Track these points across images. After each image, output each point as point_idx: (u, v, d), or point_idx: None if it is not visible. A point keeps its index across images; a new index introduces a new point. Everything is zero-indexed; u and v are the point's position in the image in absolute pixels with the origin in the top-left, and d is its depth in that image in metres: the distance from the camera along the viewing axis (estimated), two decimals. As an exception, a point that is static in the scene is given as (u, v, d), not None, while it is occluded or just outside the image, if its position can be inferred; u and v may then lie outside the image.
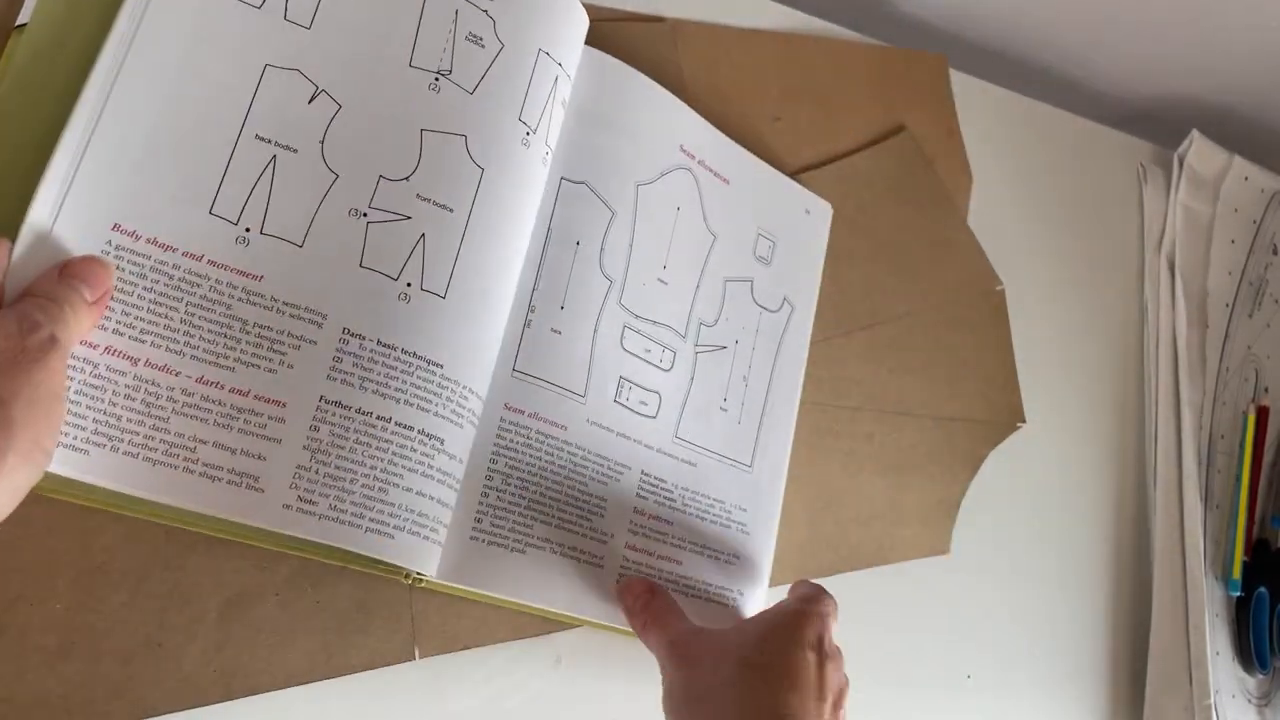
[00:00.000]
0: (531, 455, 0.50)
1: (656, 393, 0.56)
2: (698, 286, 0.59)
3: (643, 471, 0.55)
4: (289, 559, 0.47)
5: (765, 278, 0.62)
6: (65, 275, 0.38)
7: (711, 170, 0.60)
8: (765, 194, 0.63)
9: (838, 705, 0.45)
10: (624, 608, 0.52)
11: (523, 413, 0.50)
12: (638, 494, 0.54)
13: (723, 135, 0.61)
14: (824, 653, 0.45)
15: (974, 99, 0.77)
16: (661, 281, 0.57)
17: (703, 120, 0.60)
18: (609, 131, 0.55)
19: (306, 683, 0.47)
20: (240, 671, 0.46)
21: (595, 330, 0.53)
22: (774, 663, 0.44)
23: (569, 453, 0.52)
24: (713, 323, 0.59)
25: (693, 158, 0.59)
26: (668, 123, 0.58)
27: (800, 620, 0.46)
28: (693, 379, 0.58)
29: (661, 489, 0.55)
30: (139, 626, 0.44)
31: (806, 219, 0.65)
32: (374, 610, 0.49)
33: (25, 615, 0.43)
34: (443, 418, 0.46)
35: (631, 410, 0.55)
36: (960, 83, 0.76)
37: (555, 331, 0.52)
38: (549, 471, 0.51)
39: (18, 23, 0.42)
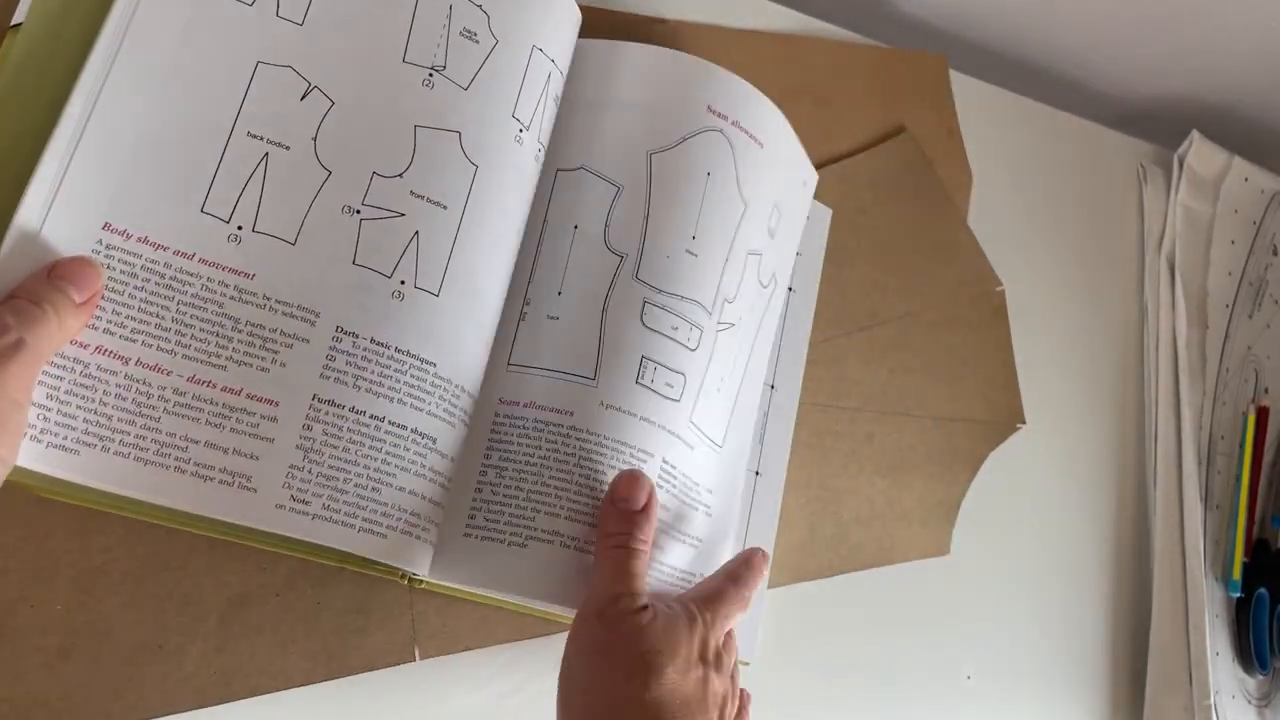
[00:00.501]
0: (530, 445, 0.49)
1: (682, 374, 0.52)
2: (727, 259, 0.54)
3: (664, 459, 0.51)
4: (289, 560, 0.47)
5: (769, 252, 0.58)
6: (53, 276, 0.38)
7: (746, 132, 0.55)
8: (786, 160, 0.59)
9: (722, 716, 0.44)
10: (612, 497, 0.47)
11: (517, 404, 0.49)
12: (657, 483, 0.50)
13: (757, 92, 0.56)
14: (709, 662, 0.44)
15: (974, 99, 0.77)
16: (690, 253, 0.53)
17: (736, 78, 0.55)
18: (603, 111, 0.54)
19: (307, 684, 0.47)
20: (240, 672, 0.46)
21: (604, 310, 0.51)
22: (678, 685, 0.42)
23: (578, 439, 0.49)
24: (733, 298, 0.55)
25: (724, 118, 0.55)
26: (688, 84, 0.55)
27: (685, 637, 0.44)
28: (711, 359, 0.53)
29: (671, 475, 0.52)
30: (139, 627, 0.44)
31: (803, 190, 0.62)
32: (374, 611, 0.49)
33: (25, 616, 0.43)
34: (435, 416, 0.45)
35: (655, 392, 0.51)
36: (960, 83, 0.76)
37: (552, 318, 0.50)
38: (552, 460, 0.48)
39: (13, 22, 0.42)
